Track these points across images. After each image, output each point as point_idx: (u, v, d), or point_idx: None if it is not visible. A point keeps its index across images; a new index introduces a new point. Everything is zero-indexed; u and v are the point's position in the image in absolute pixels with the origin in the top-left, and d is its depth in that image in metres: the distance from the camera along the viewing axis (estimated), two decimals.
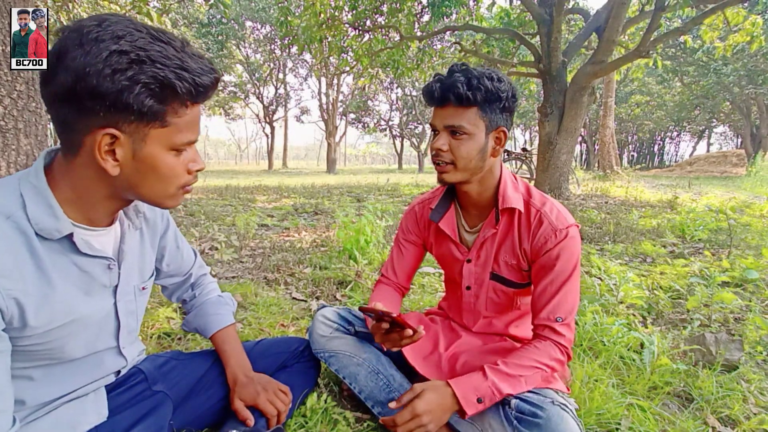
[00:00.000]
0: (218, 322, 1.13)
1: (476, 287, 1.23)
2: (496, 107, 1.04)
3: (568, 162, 7.08)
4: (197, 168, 0.78)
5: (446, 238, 1.24)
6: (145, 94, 0.65)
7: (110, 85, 0.62)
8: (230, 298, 1.22)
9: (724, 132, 38.83)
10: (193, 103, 0.71)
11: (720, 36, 8.49)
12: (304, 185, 10.34)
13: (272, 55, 25.06)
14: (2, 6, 1.60)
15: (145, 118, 0.67)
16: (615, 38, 6.49)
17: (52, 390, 0.81)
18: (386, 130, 31.10)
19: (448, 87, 1.01)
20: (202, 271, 1.20)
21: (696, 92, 21.19)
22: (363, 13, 7.97)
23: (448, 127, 1.04)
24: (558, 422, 0.94)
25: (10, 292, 0.67)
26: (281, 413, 1.06)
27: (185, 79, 0.67)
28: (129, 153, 0.69)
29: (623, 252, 3.41)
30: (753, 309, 2.15)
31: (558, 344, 1.06)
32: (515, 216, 1.13)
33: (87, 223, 0.77)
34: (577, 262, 1.09)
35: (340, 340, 1.26)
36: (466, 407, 0.99)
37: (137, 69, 0.63)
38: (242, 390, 1.05)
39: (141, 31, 0.64)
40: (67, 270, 0.75)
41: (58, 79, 0.63)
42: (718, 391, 1.41)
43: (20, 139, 1.70)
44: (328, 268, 2.76)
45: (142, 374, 1.01)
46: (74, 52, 0.62)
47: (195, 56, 0.69)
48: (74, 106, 0.64)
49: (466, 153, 1.04)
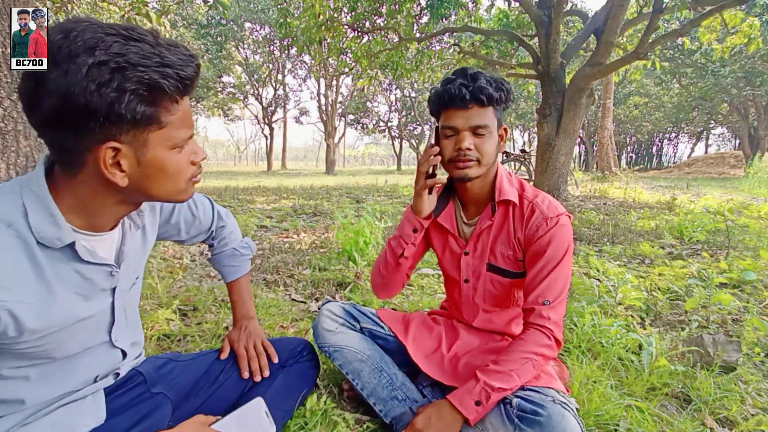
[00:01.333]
0: (231, 273, 1.27)
1: (474, 279, 1.26)
2: (503, 106, 1.13)
3: (567, 163, 7.08)
4: (200, 158, 0.79)
5: (445, 232, 1.28)
6: (136, 101, 0.63)
7: (99, 99, 0.61)
8: (246, 246, 1.29)
9: (722, 133, 38.95)
10: (182, 97, 0.71)
11: (718, 38, 8.53)
12: (303, 186, 10.34)
13: (271, 56, 25.07)
14: (2, 7, 1.60)
15: (140, 123, 0.66)
16: (613, 40, 6.50)
17: (50, 389, 0.81)
18: (385, 132, 31.14)
19: (479, 89, 1.06)
20: (221, 224, 1.23)
21: (694, 94, 21.24)
22: (362, 15, 7.98)
23: (473, 127, 1.09)
24: (559, 420, 0.95)
25: (5, 304, 0.66)
26: (251, 360, 1.16)
27: (170, 75, 0.65)
28: (134, 161, 0.69)
29: (622, 253, 3.41)
30: (751, 310, 2.16)
31: (544, 328, 1.08)
32: (510, 208, 1.19)
33: (90, 230, 0.77)
34: (567, 249, 1.12)
35: (346, 335, 1.27)
36: (467, 413, 1.02)
37: (120, 77, 0.61)
38: (232, 332, 1.24)
39: (111, 34, 0.62)
40: (68, 277, 0.75)
41: (44, 105, 0.61)
42: (716, 392, 1.42)
43: (20, 140, 1.70)
44: (328, 270, 2.76)
45: (141, 376, 1.02)
46: (52, 74, 0.60)
47: (171, 47, 0.66)
48: (68, 128, 0.63)
49: (490, 149, 1.11)
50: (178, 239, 1.13)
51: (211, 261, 1.30)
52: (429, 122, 28.59)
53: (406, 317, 1.38)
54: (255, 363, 1.17)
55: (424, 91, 24.64)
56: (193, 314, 1.98)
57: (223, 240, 1.25)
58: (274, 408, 1.12)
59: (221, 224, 1.23)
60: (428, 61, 9.27)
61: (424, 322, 1.37)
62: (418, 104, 27.32)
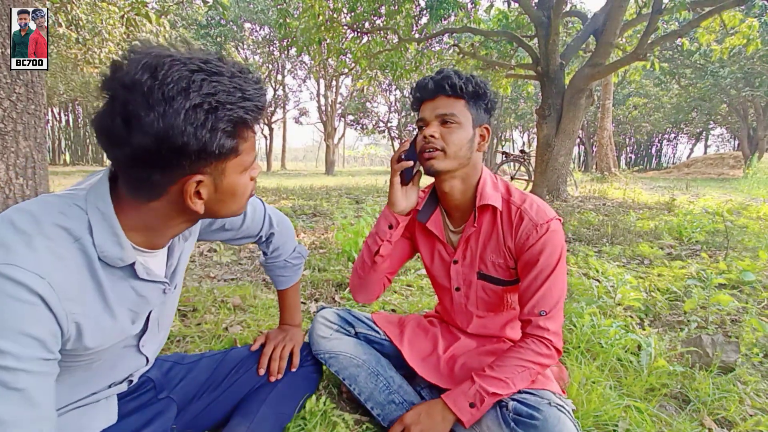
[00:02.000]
0: (281, 283, 1.33)
1: (465, 288, 1.24)
2: (481, 104, 1.11)
3: (566, 164, 7.09)
4: (257, 173, 0.81)
5: (433, 238, 1.26)
6: (224, 138, 0.66)
7: (194, 141, 0.63)
8: (298, 256, 1.32)
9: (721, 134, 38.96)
10: (255, 125, 0.73)
11: (717, 39, 8.53)
12: (303, 187, 10.34)
13: (271, 56, 25.06)
14: (1, 8, 1.60)
15: (223, 155, 0.68)
16: (612, 41, 6.51)
17: (74, 392, 0.81)
18: (385, 132, 31.11)
19: (442, 78, 1.08)
20: (271, 230, 1.21)
21: (693, 94, 21.25)
22: (361, 15, 7.98)
23: (440, 115, 1.08)
24: (555, 423, 0.95)
25: (74, 316, 0.67)
26: (272, 360, 1.20)
27: (251, 109, 0.68)
28: (212, 189, 0.71)
29: (621, 254, 3.42)
30: (749, 311, 2.16)
31: (542, 339, 1.07)
32: (497, 215, 1.15)
33: (149, 248, 0.78)
34: (561, 256, 1.10)
35: (341, 341, 1.27)
36: (460, 414, 1.03)
37: (213, 118, 0.64)
38: (272, 331, 1.32)
39: (197, 71, 0.63)
40: (125, 295, 0.76)
41: (135, 142, 0.62)
42: (714, 392, 1.42)
43: (19, 141, 1.70)
44: (327, 270, 2.76)
45: (152, 383, 1.03)
46: (148, 117, 0.60)
47: (243, 74, 0.68)
48: (158, 165, 0.64)
49: (458, 140, 1.08)
50: (223, 239, 1.13)
51: (263, 266, 1.32)
52: None
53: (402, 320, 1.38)
54: (275, 364, 1.20)
55: None
56: (193, 315, 1.98)
57: (276, 251, 1.26)
58: (276, 411, 1.13)
59: (271, 231, 1.21)
60: (428, 62, 9.27)
61: (420, 324, 1.37)
62: None
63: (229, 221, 1.07)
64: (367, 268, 1.24)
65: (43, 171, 1.82)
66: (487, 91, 1.10)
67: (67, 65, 13.56)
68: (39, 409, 0.63)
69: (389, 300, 2.26)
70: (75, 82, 16.60)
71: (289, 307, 1.35)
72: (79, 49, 8.54)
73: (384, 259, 1.22)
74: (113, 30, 7.70)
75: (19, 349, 0.60)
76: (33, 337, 0.61)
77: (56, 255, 0.64)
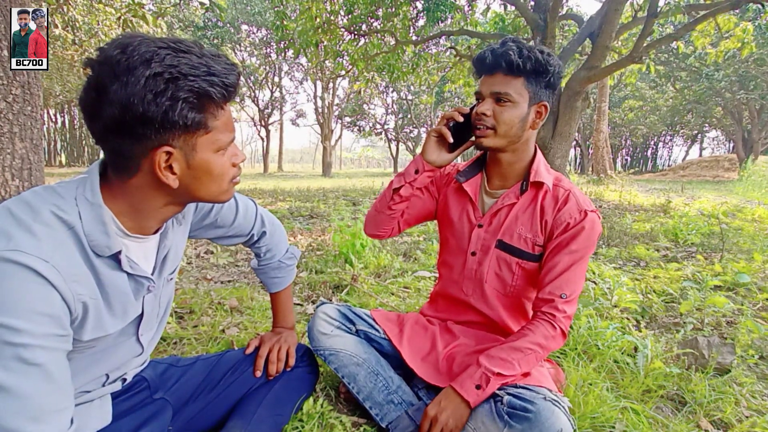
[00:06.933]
0: (276, 285, 1.32)
1: (481, 254, 1.25)
2: (542, 80, 1.09)
3: (563, 166, 7.11)
4: (240, 160, 0.82)
5: (465, 198, 1.28)
6: (187, 108, 0.68)
7: (155, 108, 0.65)
8: (291, 257, 1.32)
9: (716, 137, 39.21)
10: (226, 103, 0.75)
11: (712, 42, 8.60)
12: (300, 189, 10.33)
13: (268, 58, 25.05)
14: (1, 9, 1.59)
15: (190, 129, 0.71)
16: (608, 44, 6.55)
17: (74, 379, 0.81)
18: (382, 134, 31.13)
19: (501, 54, 1.06)
20: (263, 229, 1.21)
21: (688, 97, 21.40)
22: (359, 18, 7.99)
23: (495, 93, 1.08)
24: (548, 416, 0.95)
25: (80, 296, 0.70)
26: (270, 363, 1.20)
27: (216, 84, 0.70)
28: (184, 164, 0.74)
29: (617, 256, 3.43)
30: (745, 313, 2.17)
31: (555, 320, 1.09)
32: (541, 192, 1.18)
33: (139, 232, 0.80)
34: (592, 247, 1.13)
35: (341, 338, 1.26)
36: (467, 395, 1.03)
37: (174, 86, 0.66)
38: (267, 334, 1.30)
39: (163, 47, 0.66)
40: (118, 283, 0.78)
41: (105, 113, 0.66)
42: (710, 394, 1.43)
43: (15, 142, 1.69)
44: (324, 272, 2.76)
45: (146, 382, 1.03)
46: (113, 86, 0.64)
47: (215, 57, 0.71)
48: (127, 135, 0.68)
49: (509, 119, 1.09)
50: (214, 237, 1.13)
51: (256, 271, 1.31)
52: (425, 125, 28.63)
53: (401, 318, 1.38)
54: (272, 366, 1.20)
55: (420, 93, 24.65)
56: (190, 317, 1.97)
57: (269, 252, 1.26)
58: (272, 412, 1.13)
59: (263, 230, 1.21)
60: (425, 64, 9.29)
61: (419, 322, 1.37)
62: (415, 107, 27.35)
63: (221, 217, 1.07)
64: (385, 203, 1.27)
65: (39, 172, 1.81)
66: (550, 67, 1.07)
67: (63, 66, 13.52)
68: (57, 383, 0.66)
69: (386, 302, 2.26)
70: (71, 83, 16.52)
71: (283, 309, 1.35)
72: (76, 50, 8.52)
73: (402, 200, 1.25)
74: (110, 31, 7.68)
75: (34, 327, 0.62)
76: (46, 314, 0.64)
77: (57, 240, 0.67)
